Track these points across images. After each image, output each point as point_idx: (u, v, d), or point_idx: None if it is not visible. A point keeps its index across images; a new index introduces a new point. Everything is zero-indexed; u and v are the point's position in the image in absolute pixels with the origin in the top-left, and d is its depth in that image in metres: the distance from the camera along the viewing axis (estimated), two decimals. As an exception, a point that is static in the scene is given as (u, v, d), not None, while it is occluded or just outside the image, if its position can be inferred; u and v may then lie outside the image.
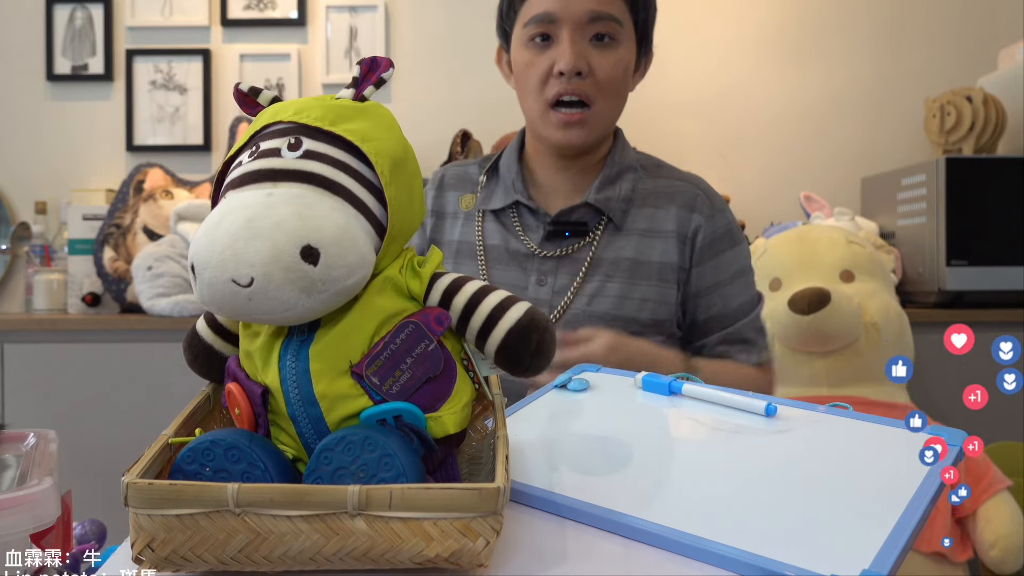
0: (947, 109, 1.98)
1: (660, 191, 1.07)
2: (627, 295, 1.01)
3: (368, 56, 0.61)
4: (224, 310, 0.54)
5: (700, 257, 1.04)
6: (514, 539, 0.55)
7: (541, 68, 1.00)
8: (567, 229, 1.03)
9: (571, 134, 1.01)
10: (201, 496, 0.47)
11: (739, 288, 1.06)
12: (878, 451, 0.65)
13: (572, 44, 0.98)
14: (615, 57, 1.01)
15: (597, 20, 0.99)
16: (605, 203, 1.04)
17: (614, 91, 1.02)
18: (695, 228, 1.04)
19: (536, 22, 0.99)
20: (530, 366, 0.58)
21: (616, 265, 1.02)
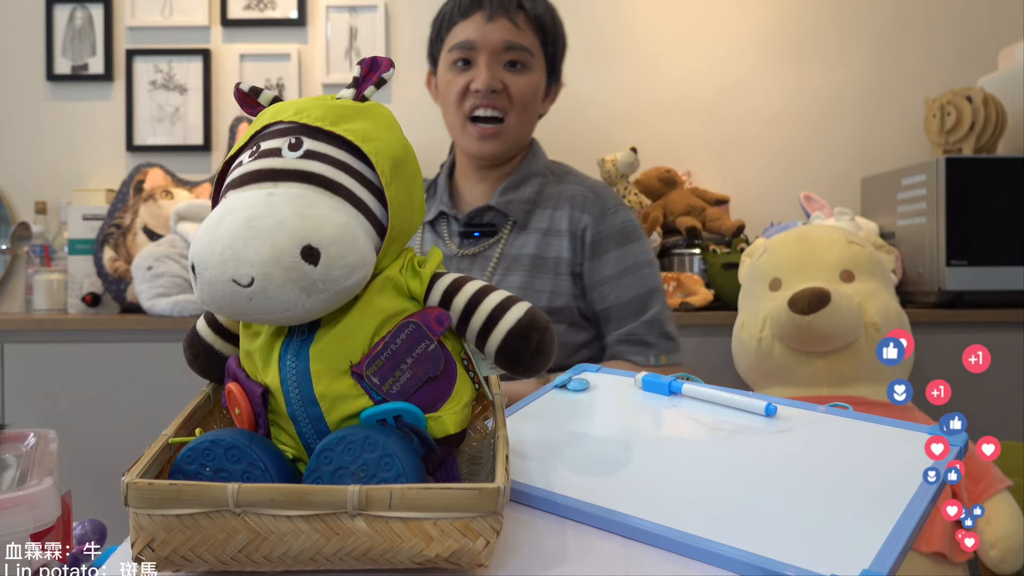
0: (947, 109, 1.98)
1: (561, 195, 1.21)
2: (528, 287, 1.14)
3: (368, 56, 0.61)
4: (224, 310, 0.54)
5: (591, 253, 1.17)
6: (514, 539, 0.55)
7: (460, 85, 1.16)
8: (476, 230, 1.19)
9: (486, 145, 1.16)
10: (201, 496, 0.47)
11: (632, 282, 1.17)
12: (878, 451, 0.65)
13: (488, 68, 1.14)
14: (527, 80, 1.16)
15: (511, 49, 1.14)
16: (506, 205, 1.18)
17: (525, 108, 1.17)
18: (583, 227, 1.18)
19: (459, 48, 1.16)
20: (530, 366, 0.58)
21: (519, 260, 1.16)
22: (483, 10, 1.14)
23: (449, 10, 1.18)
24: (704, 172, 2.29)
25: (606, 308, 1.17)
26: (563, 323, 1.15)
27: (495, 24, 1.14)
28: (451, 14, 1.17)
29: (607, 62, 2.30)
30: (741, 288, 1.61)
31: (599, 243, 1.17)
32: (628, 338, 1.17)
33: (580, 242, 1.17)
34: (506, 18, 1.14)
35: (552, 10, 1.20)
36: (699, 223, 1.99)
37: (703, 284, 1.84)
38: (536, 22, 1.16)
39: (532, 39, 1.16)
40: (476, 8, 1.14)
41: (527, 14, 1.15)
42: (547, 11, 1.18)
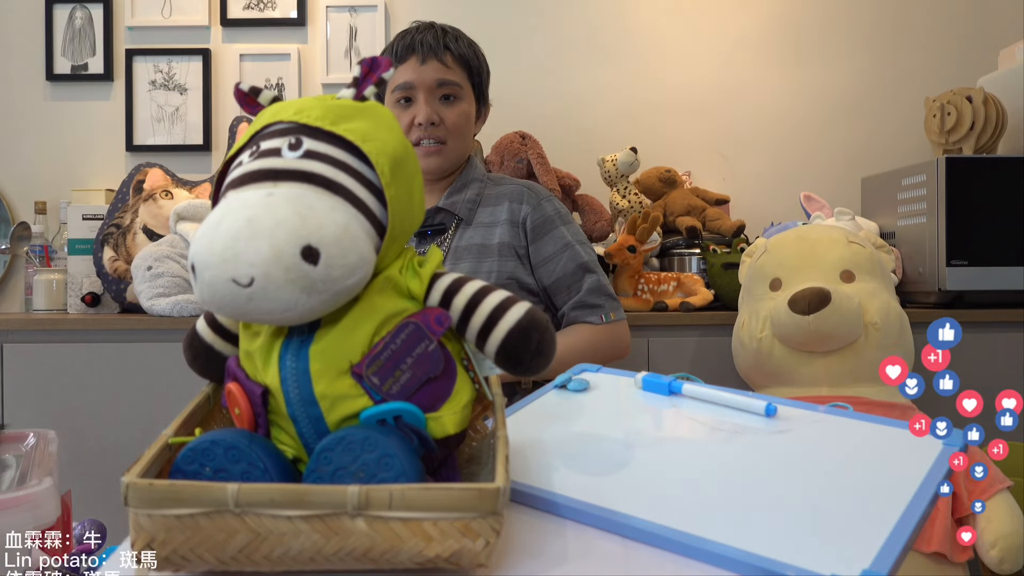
0: (947, 109, 1.98)
1: (499, 193, 1.41)
2: (475, 271, 1.33)
3: (368, 56, 0.61)
4: (224, 310, 0.54)
5: (533, 236, 1.37)
6: (514, 539, 0.55)
7: (406, 121, 1.35)
8: (428, 229, 1.39)
9: (431, 161, 1.36)
10: (201, 496, 0.47)
11: (571, 255, 1.36)
12: (878, 451, 0.65)
13: (426, 103, 1.34)
14: (459, 109, 1.36)
15: (443, 85, 1.34)
16: (452, 205, 1.38)
17: (460, 133, 1.37)
18: (524, 215, 1.37)
19: (400, 88, 1.35)
20: (530, 366, 0.58)
21: (468, 250, 1.36)
22: (416, 54, 1.33)
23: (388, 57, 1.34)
24: (704, 172, 2.29)
25: (554, 280, 1.36)
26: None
27: (428, 66, 1.33)
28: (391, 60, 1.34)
29: (607, 62, 2.30)
30: (741, 288, 1.61)
31: (539, 227, 1.37)
32: (578, 304, 1.35)
33: (522, 228, 1.37)
34: (436, 60, 1.33)
35: (473, 46, 1.41)
36: (699, 223, 1.99)
37: (703, 284, 1.84)
38: (462, 60, 1.36)
39: (460, 74, 1.36)
40: (411, 53, 1.34)
41: (453, 54, 1.35)
42: (469, 47, 1.39)
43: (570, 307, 1.36)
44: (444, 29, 1.38)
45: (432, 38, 1.34)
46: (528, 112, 2.19)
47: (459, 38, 1.39)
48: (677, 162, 2.22)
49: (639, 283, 1.81)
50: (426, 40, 1.34)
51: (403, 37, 1.37)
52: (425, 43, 1.33)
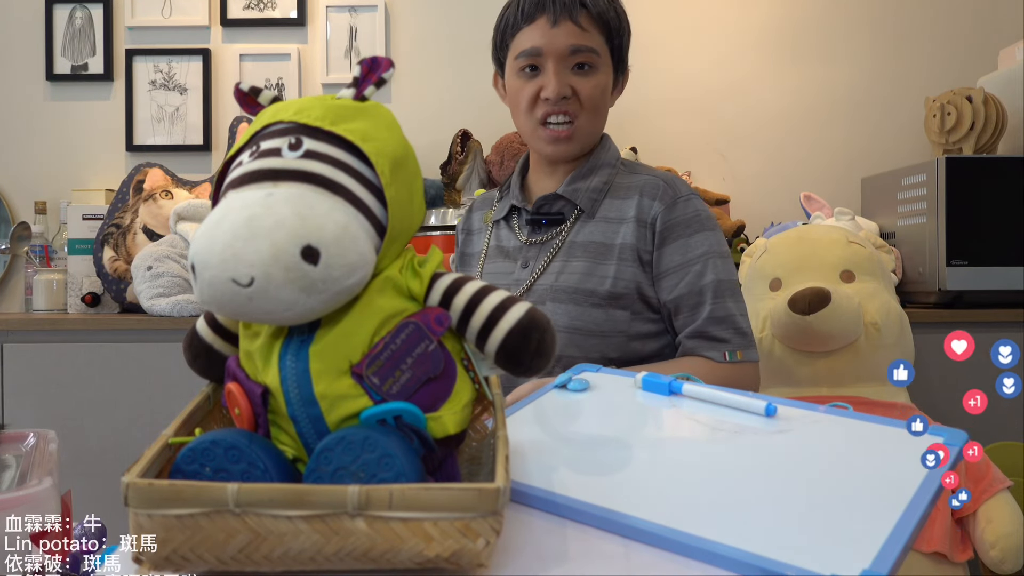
0: (947, 109, 1.98)
1: (631, 184, 1.20)
2: (590, 272, 1.14)
3: (368, 56, 0.61)
4: (224, 310, 0.54)
5: (661, 240, 1.15)
6: (514, 539, 0.55)
7: (530, 93, 1.16)
8: (544, 218, 1.20)
9: (560, 148, 1.18)
10: (201, 496, 0.47)
11: (700, 271, 1.13)
12: (878, 451, 0.65)
13: (556, 74, 1.13)
14: (594, 81, 1.16)
15: (577, 52, 1.14)
16: (573, 194, 1.19)
17: (595, 109, 1.18)
18: (654, 215, 1.15)
19: (525, 55, 1.15)
20: (530, 366, 0.58)
21: (584, 247, 1.16)
22: (546, 14, 1.13)
23: (512, 16, 1.17)
24: (704, 172, 2.29)
25: (673, 298, 1.13)
26: (626, 310, 1.13)
27: (560, 28, 1.13)
28: (514, 20, 1.16)
29: (607, 62, 2.30)
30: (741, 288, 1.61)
31: (668, 231, 1.15)
32: (697, 333, 1.13)
33: (650, 230, 1.15)
34: (570, 21, 1.13)
35: (615, 2, 1.18)
36: (699, 223, 1.99)
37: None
38: (600, 20, 1.15)
39: (597, 38, 1.15)
40: (540, 13, 1.13)
41: (590, 13, 1.14)
42: (609, 5, 1.17)
43: (687, 335, 1.13)
44: None
45: None
46: (528, 112, 2.18)
47: None
48: (677, 162, 2.22)
49: (639, 283, 1.81)
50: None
51: None
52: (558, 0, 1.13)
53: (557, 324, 1.08)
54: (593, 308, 1.13)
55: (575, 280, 1.14)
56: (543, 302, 1.14)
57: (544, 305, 1.14)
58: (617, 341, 1.13)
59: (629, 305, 1.13)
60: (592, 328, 1.12)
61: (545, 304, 1.14)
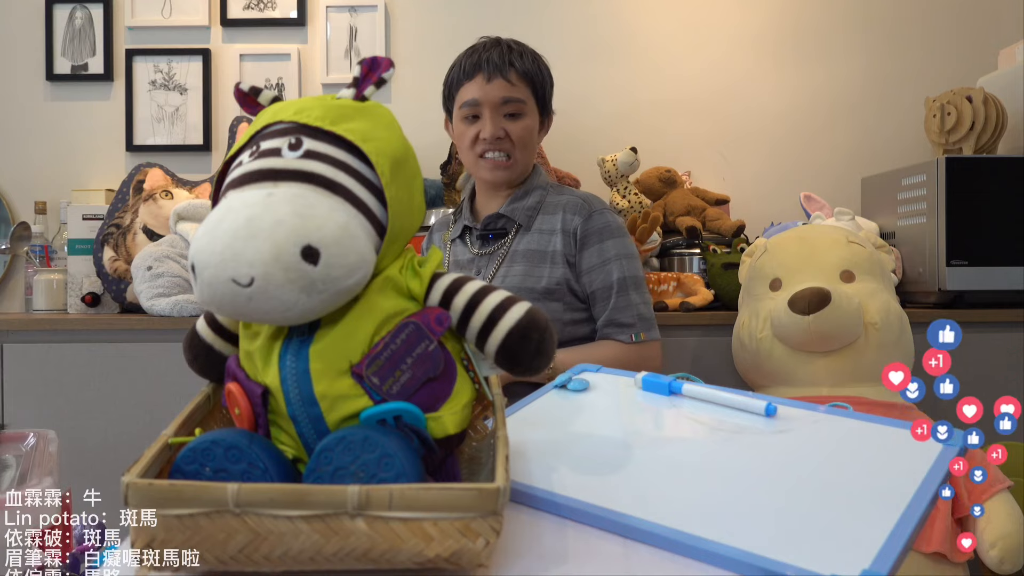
0: (947, 109, 1.98)
1: (557, 203, 1.46)
2: (529, 274, 1.40)
3: (368, 56, 0.61)
4: (224, 310, 0.54)
5: (581, 246, 1.41)
6: (514, 539, 0.55)
7: (471, 135, 1.41)
8: (490, 233, 1.46)
9: (498, 174, 1.42)
10: (201, 496, 0.47)
11: (611, 269, 1.40)
12: (878, 451, 0.65)
13: (491, 120, 1.39)
14: (523, 124, 1.41)
15: (508, 103, 1.39)
16: (512, 212, 1.44)
17: (525, 146, 1.43)
18: (575, 226, 1.42)
19: (467, 106, 1.41)
20: (530, 366, 0.58)
21: (524, 255, 1.42)
22: (483, 72, 1.38)
23: (456, 74, 1.43)
24: (704, 172, 2.29)
25: (593, 291, 1.41)
26: (559, 302, 1.40)
27: (493, 84, 1.38)
28: (458, 77, 1.42)
29: (607, 62, 2.30)
30: (741, 288, 1.61)
31: (586, 238, 1.41)
32: (609, 322, 1.39)
33: (572, 238, 1.41)
34: (501, 78, 1.38)
35: (537, 59, 1.45)
36: (699, 223, 1.99)
37: (703, 284, 1.84)
38: (526, 76, 1.40)
39: (524, 90, 1.40)
40: (477, 71, 1.39)
41: (518, 71, 1.39)
42: (533, 62, 1.43)
43: (602, 323, 1.40)
44: (509, 46, 1.42)
45: (497, 56, 1.39)
46: (528, 112, 2.18)
47: (523, 54, 1.43)
48: (677, 162, 2.22)
49: (639, 283, 1.81)
50: (492, 58, 1.39)
51: (470, 55, 1.42)
52: (491, 61, 1.38)
53: None
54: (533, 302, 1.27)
55: (517, 281, 1.39)
56: None
57: None
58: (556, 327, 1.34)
59: (561, 298, 1.39)
60: None
61: None
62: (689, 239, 1.96)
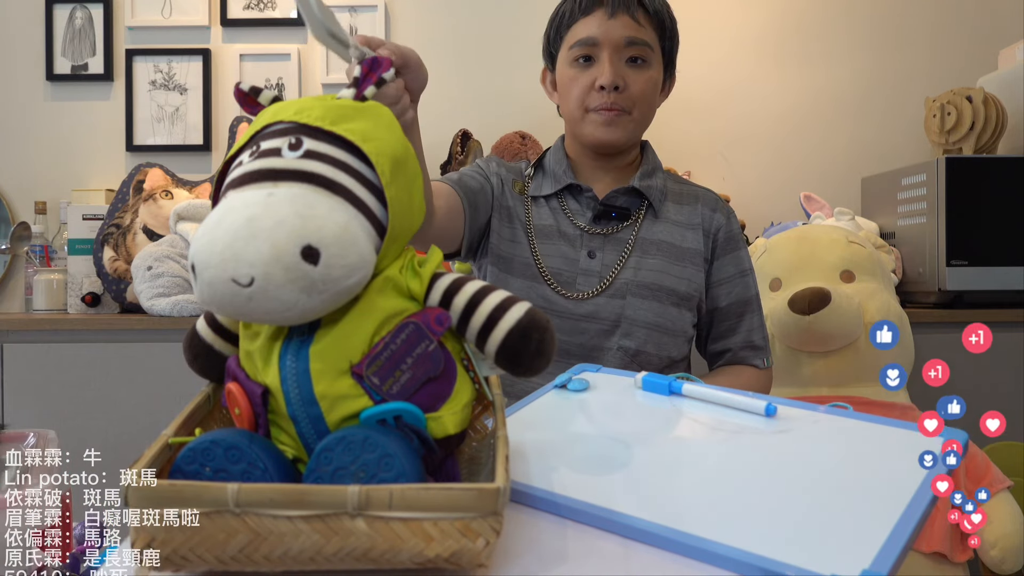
0: (947, 109, 1.98)
1: (686, 192, 1.25)
2: (667, 270, 1.17)
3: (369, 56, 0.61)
4: (224, 310, 0.54)
5: (720, 252, 1.22)
6: (514, 539, 0.55)
7: (584, 83, 1.16)
8: (613, 211, 1.20)
9: (609, 131, 1.17)
10: (201, 496, 0.47)
11: (751, 282, 1.24)
12: (878, 451, 0.65)
13: (611, 64, 1.14)
14: (647, 75, 1.18)
15: (632, 45, 1.15)
16: (647, 189, 1.20)
17: (645, 103, 1.19)
18: (717, 226, 1.22)
19: (581, 45, 1.16)
20: (531, 366, 0.58)
21: (657, 246, 1.19)
22: (605, 7, 1.15)
23: (569, 8, 1.19)
24: (704, 172, 2.29)
25: (726, 306, 1.21)
26: (690, 311, 1.19)
27: (617, 20, 1.15)
28: (571, 12, 1.19)
29: (607, 62, 2.30)
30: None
31: (728, 243, 1.22)
32: (748, 344, 1.22)
33: (712, 239, 1.22)
34: (627, 14, 1.15)
35: (668, 6, 1.22)
36: (699, 223, 1.99)
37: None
38: (656, 17, 1.18)
39: (652, 34, 1.18)
40: (597, 5, 1.16)
41: (646, 10, 1.17)
42: (664, 7, 1.20)
43: (740, 345, 1.22)
44: None
45: None
46: (528, 112, 2.18)
47: None
48: (677, 162, 2.22)
49: (639, 283, 1.81)
50: None
51: None
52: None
53: (640, 320, 1.15)
54: (671, 306, 1.17)
55: (653, 277, 1.17)
56: (623, 296, 1.15)
57: (625, 299, 1.15)
58: (680, 341, 1.19)
59: (692, 308, 1.19)
60: (669, 327, 1.16)
61: (626, 298, 1.15)
62: (689, 239, 1.96)
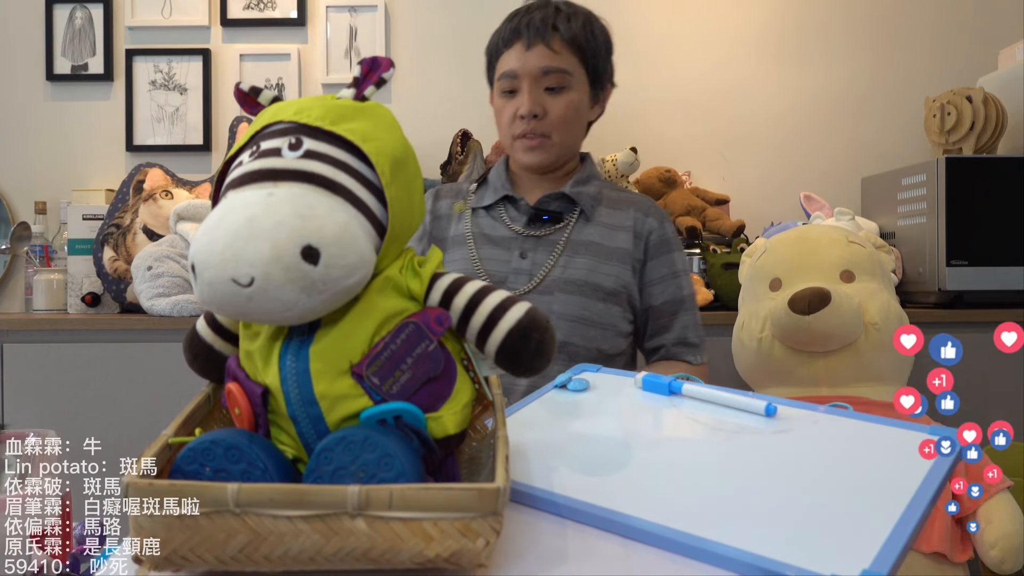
0: (947, 109, 1.98)
1: (621, 199, 1.35)
2: (594, 268, 1.26)
3: (368, 56, 0.61)
4: (224, 310, 0.54)
5: (652, 253, 1.31)
6: (514, 539, 0.55)
7: (509, 113, 1.27)
8: (545, 214, 1.29)
9: (532, 156, 1.27)
10: (201, 496, 0.47)
11: (685, 282, 1.33)
12: (878, 451, 0.65)
13: (530, 94, 1.24)
14: (566, 100, 1.25)
15: (549, 74, 1.23)
16: (578, 195, 1.30)
17: (566, 126, 1.27)
18: (649, 229, 1.31)
19: (505, 77, 1.26)
20: (530, 366, 0.58)
21: (586, 246, 1.28)
22: (522, 39, 1.23)
23: (496, 41, 1.29)
24: (704, 172, 2.29)
25: (659, 304, 1.30)
26: (620, 306, 1.28)
27: (533, 52, 1.23)
28: (498, 45, 1.29)
29: (607, 62, 2.30)
30: (741, 288, 1.61)
31: (660, 245, 1.31)
32: (680, 341, 1.31)
33: (644, 241, 1.30)
34: (543, 44, 1.22)
35: (590, 22, 1.27)
36: (699, 223, 1.99)
37: (703, 284, 1.84)
38: (573, 43, 1.24)
39: (570, 60, 1.24)
40: (516, 38, 1.24)
41: (562, 37, 1.23)
42: (583, 27, 1.25)
43: (672, 341, 1.31)
44: (557, 7, 1.26)
45: (540, 19, 1.23)
46: (528, 112, 2.18)
47: (573, 16, 1.25)
48: (677, 162, 2.22)
49: (639, 283, 1.81)
50: (533, 22, 1.23)
51: (511, 19, 1.26)
52: (532, 25, 1.22)
53: (566, 314, 1.22)
54: (598, 301, 1.25)
55: (580, 275, 1.25)
56: (552, 292, 1.24)
57: (553, 295, 1.24)
58: (611, 335, 1.27)
59: (621, 303, 1.28)
60: (596, 320, 1.24)
61: (554, 294, 1.24)
62: (689, 239, 1.96)
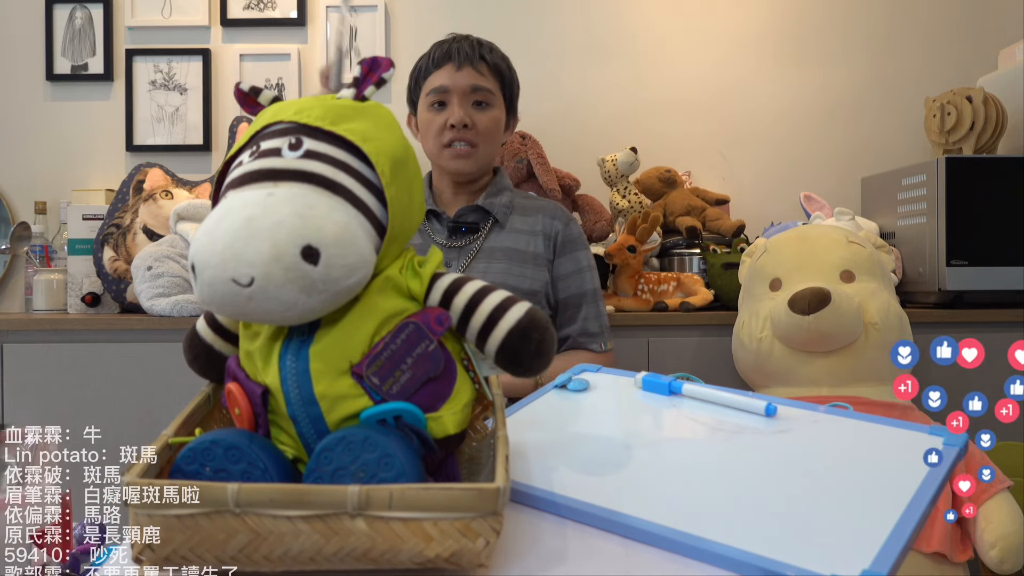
0: (947, 109, 1.98)
1: (531, 206, 1.49)
2: (511, 272, 1.40)
3: (368, 56, 0.61)
4: (224, 310, 0.54)
5: (560, 251, 1.46)
6: (514, 539, 0.55)
7: (439, 124, 1.41)
8: (463, 226, 1.44)
9: (461, 163, 1.42)
10: (201, 496, 0.47)
11: (585, 278, 1.46)
12: (878, 451, 0.65)
13: (460, 106, 1.40)
14: (491, 115, 1.43)
15: (477, 91, 1.40)
16: (491, 206, 1.45)
17: (490, 138, 1.43)
18: (555, 231, 1.46)
19: (435, 92, 1.41)
20: (530, 366, 0.58)
21: (502, 252, 1.42)
22: (452, 61, 1.40)
23: (424, 63, 1.45)
24: (704, 172, 2.29)
25: (565, 298, 1.45)
26: (539, 305, 1.35)
27: (463, 72, 1.39)
28: (426, 66, 1.44)
29: (607, 62, 2.30)
30: (741, 288, 1.61)
31: (566, 245, 1.46)
32: (583, 331, 1.44)
33: (552, 242, 1.45)
34: (471, 67, 1.40)
35: (506, 59, 1.47)
36: (699, 223, 1.99)
37: (703, 284, 1.84)
38: (495, 69, 1.43)
39: (493, 83, 1.42)
40: (447, 60, 1.41)
41: (488, 63, 1.42)
42: (503, 60, 1.46)
43: (576, 332, 1.44)
44: (480, 41, 1.45)
45: (468, 47, 1.41)
46: (528, 112, 2.18)
47: (493, 50, 1.45)
48: (677, 162, 2.22)
49: (639, 283, 1.81)
50: (462, 48, 1.40)
51: (440, 46, 1.43)
52: (461, 51, 1.40)
53: None
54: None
55: (499, 279, 1.37)
56: None
57: None
58: None
59: (539, 302, 1.40)
60: None
61: None
62: (689, 239, 1.96)
